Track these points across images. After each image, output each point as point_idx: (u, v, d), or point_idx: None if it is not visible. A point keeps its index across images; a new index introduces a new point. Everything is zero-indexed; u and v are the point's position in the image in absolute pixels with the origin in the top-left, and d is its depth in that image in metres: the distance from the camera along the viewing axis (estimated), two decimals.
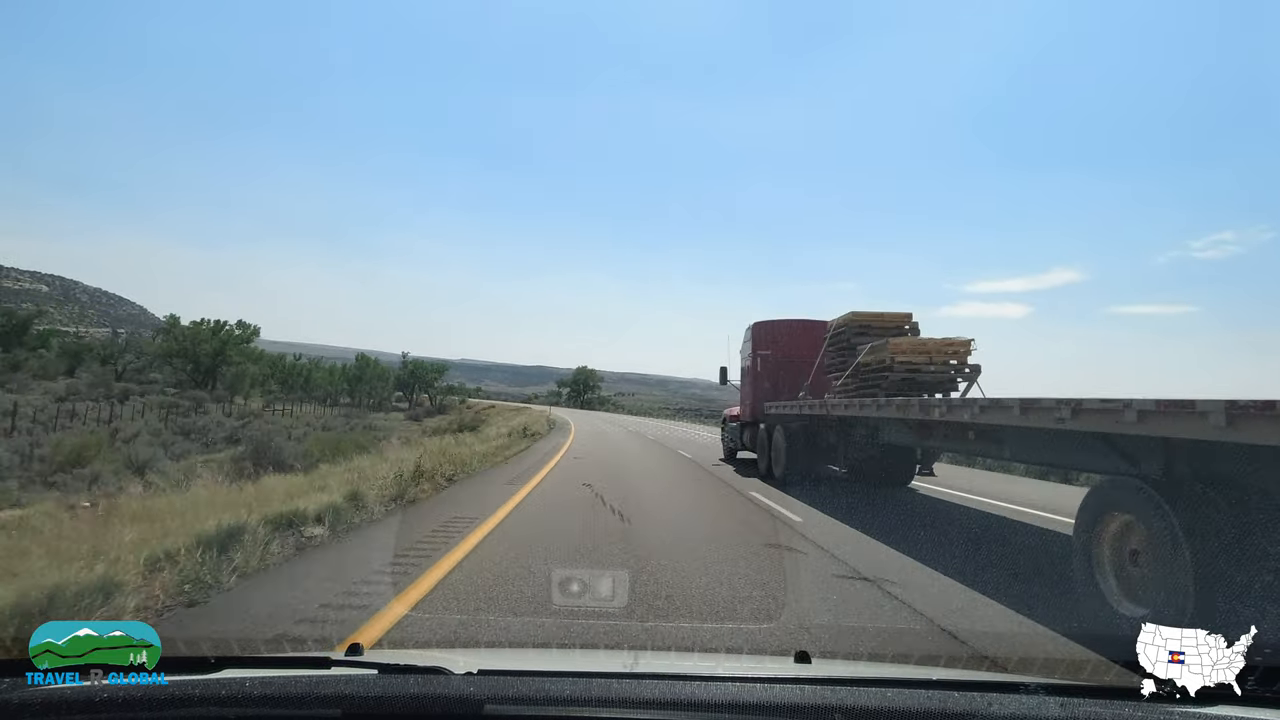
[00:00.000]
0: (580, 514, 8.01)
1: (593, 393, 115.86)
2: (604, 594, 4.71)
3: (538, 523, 7.43)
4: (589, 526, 7.22)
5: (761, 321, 15.58)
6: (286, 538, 5.85)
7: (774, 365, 14.76)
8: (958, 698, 1.40)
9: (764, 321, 15.57)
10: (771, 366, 14.79)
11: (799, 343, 14.30)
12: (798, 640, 3.88)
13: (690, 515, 8.64)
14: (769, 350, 14.93)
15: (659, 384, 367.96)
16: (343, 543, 6.24)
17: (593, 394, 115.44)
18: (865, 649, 3.93)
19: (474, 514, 7.66)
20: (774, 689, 1.42)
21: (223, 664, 1.53)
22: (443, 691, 1.40)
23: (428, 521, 7.22)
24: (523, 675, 1.51)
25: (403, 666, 1.52)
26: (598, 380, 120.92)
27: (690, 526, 7.74)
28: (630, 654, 2.36)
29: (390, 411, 72.16)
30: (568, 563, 5.58)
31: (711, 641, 3.90)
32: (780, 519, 8.33)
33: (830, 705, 1.35)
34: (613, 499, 9.19)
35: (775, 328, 15.32)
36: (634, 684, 1.46)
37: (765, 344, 15.04)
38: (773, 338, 15.10)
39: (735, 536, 7.09)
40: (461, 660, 1.57)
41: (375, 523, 7.21)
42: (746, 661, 2.50)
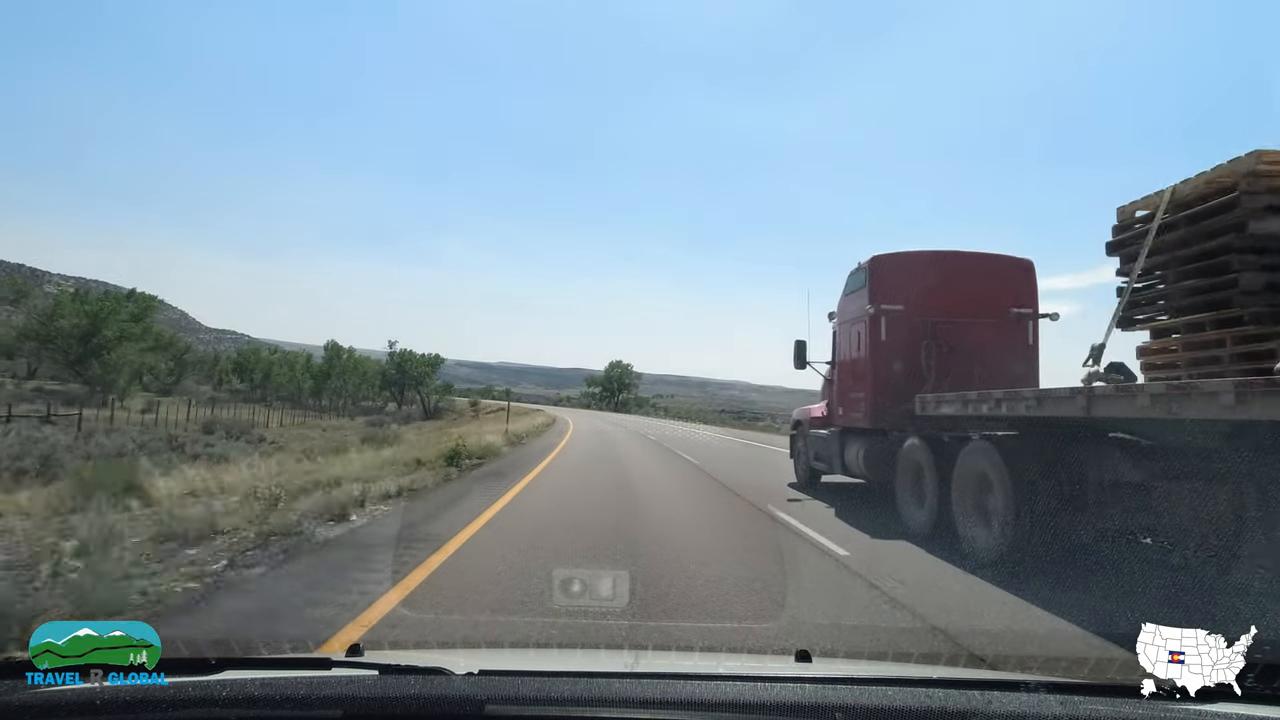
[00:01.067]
0: None
1: (628, 393, 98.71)
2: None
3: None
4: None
5: (889, 255, 9.36)
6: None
7: (914, 330, 8.72)
8: (958, 696, 1.40)
9: (895, 255, 9.38)
10: (909, 332, 8.74)
11: (968, 293, 8.86)
12: (798, 639, 3.87)
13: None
14: (903, 304, 8.82)
15: (698, 386, 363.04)
16: None
17: (628, 394, 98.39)
18: (866, 648, 3.93)
19: None
20: (775, 688, 1.42)
21: (223, 665, 1.53)
22: (444, 692, 1.40)
23: None
24: (523, 675, 1.51)
25: (403, 667, 1.52)
26: (634, 379, 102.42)
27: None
28: (631, 653, 2.37)
29: (368, 416, 59.71)
30: None
31: (712, 640, 3.89)
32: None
33: (831, 704, 1.36)
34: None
35: (920, 266, 9.14)
36: (635, 683, 1.46)
37: (897, 293, 8.93)
38: (914, 283, 8.93)
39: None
40: (462, 661, 1.57)
41: None
42: (747, 660, 2.50)
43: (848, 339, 10.10)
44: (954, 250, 9.46)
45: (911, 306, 8.80)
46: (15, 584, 4.10)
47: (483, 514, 7.88)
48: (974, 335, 8.66)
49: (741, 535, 7.36)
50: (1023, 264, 9.23)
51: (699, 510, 9.23)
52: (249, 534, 6.03)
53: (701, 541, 6.87)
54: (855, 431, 9.70)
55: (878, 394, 8.95)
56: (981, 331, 8.70)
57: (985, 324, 8.75)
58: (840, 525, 8.02)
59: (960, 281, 8.99)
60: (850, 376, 10.01)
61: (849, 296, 10.07)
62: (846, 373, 10.21)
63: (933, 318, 8.72)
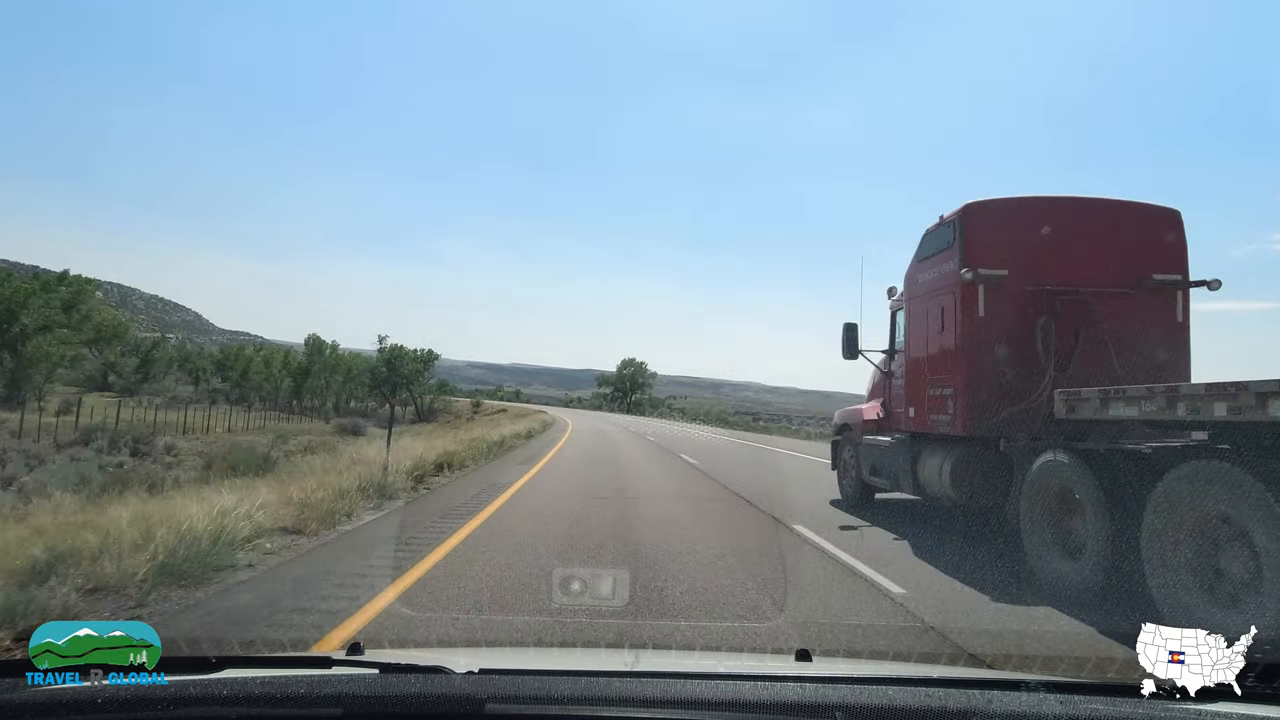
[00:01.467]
0: None
1: (642, 393, 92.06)
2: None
3: None
4: None
5: (988, 203, 7.20)
6: None
7: (1025, 303, 6.66)
8: (958, 695, 1.40)
9: (997, 203, 7.23)
10: (1017, 306, 6.69)
11: (1095, 253, 6.82)
12: (798, 639, 3.87)
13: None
14: (1008, 268, 6.66)
15: (710, 387, 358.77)
16: None
17: (642, 394, 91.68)
18: (866, 647, 3.93)
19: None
20: (775, 687, 1.42)
21: (223, 664, 1.53)
22: (444, 691, 1.40)
23: None
24: (524, 674, 1.51)
25: (404, 666, 1.52)
26: (648, 378, 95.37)
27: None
28: (631, 652, 2.37)
29: (350, 418, 51.00)
30: None
31: (713, 639, 3.89)
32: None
33: (831, 703, 1.36)
34: None
35: (1032, 217, 7.00)
36: (635, 682, 1.46)
37: (1000, 254, 6.75)
38: (1024, 240, 6.90)
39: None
40: (462, 659, 1.57)
41: None
42: (747, 659, 2.50)
43: (923, 318, 7.82)
44: (1074, 196, 7.21)
45: (1020, 271, 6.65)
46: None
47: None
48: (1104, 309, 6.57)
49: (764, 562, 5.83)
50: (1168, 215, 7.09)
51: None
52: None
53: (720, 585, 5.09)
54: (936, 439, 7.49)
55: (976, 389, 6.71)
56: (1114, 305, 6.63)
57: (1119, 295, 6.68)
58: (930, 574, 5.74)
59: (1085, 238, 6.86)
60: (928, 366, 7.66)
61: (925, 263, 7.81)
62: (921, 362, 7.86)
63: (1050, 286, 6.61)
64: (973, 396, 6.74)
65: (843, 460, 10.18)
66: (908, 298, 8.33)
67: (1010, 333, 6.68)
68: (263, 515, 6.29)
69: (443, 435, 23.99)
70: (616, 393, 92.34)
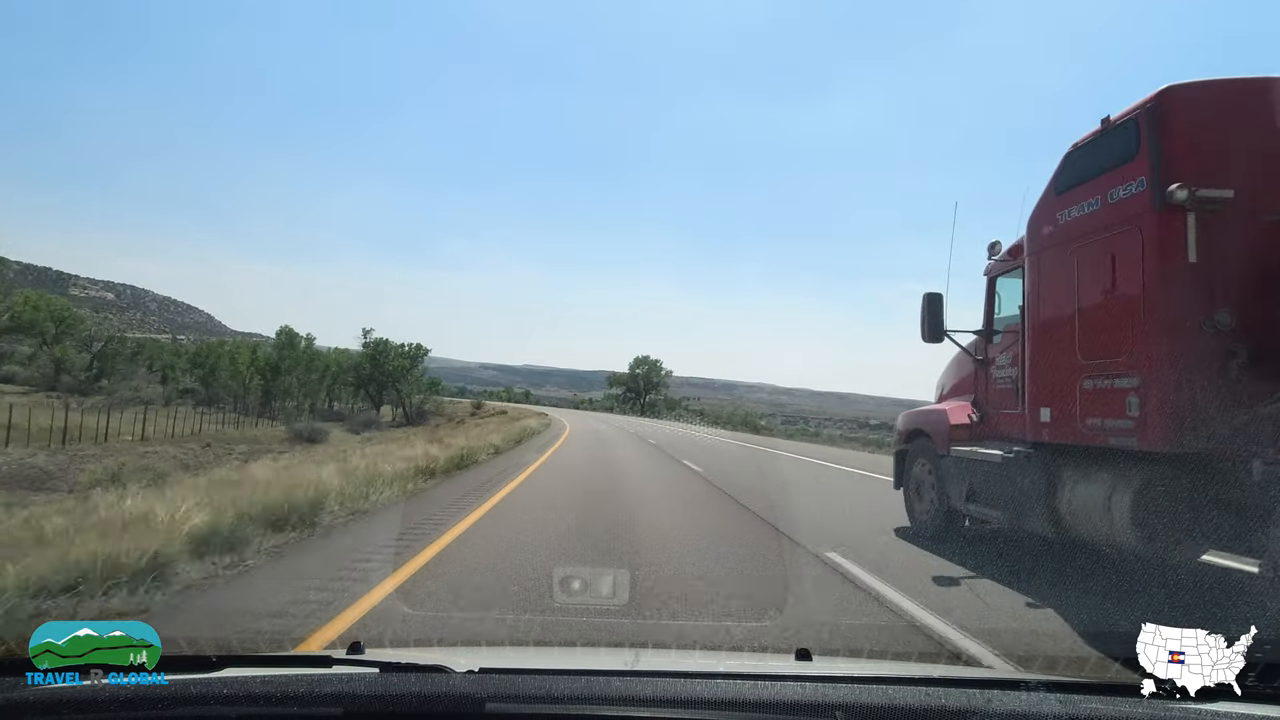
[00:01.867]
0: None
1: (657, 393, 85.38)
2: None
3: None
4: None
5: (1193, 86, 4.67)
6: None
7: (1262, 243, 4.42)
8: (958, 694, 1.40)
9: (1207, 86, 4.73)
10: (1252, 247, 4.43)
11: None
12: (798, 638, 3.87)
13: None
14: (1234, 187, 4.36)
15: (724, 388, 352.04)
16: None
17: (657, 395, 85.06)
18: (866, 647, 3.93)
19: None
20: (775, 686, 1.42)
21: (224, 663, 1.53)
22: (444, 690, 1.40)
23: None
24: (524, 673, 1.51)
25: (404, 665, 1.52)
26: (663, 377, 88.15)
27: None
28: (631, 651, 2.36)
29: (314, 423, 41.81)
30: None
31: (713, 639, 3.89)
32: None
33: (831, 702, 1.36)
34: None
35: (1264, 110, 4.60)
36: (635, 682, 1.46)
37: (1222, 165, 4.47)
38: (1253, 145, 4.55)
39: None
40: (462, 659, 1.57)
41: None
42: (748, 659, 2.50)
43: (1069, 275, 5.39)
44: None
45: (1255, 192, 4.44)
46: None
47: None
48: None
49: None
50: None
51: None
52: None
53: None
54: (1092, 455, 5.19)
55: (1182, 377, 4.44)
56: None
57: None
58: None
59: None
60: (1081, 346, 5.23)
61: (1073, 192, 5.38)
62: (1065, 339, 5.39)
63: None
64: (1176, 389, 4.44)
65: (913, 478, 7.64)
66: (1038, 250, 5.79)
67: (1240, 289, 4.44)
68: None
69: (404, 444, 17.25)
70: (629, 393, 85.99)
